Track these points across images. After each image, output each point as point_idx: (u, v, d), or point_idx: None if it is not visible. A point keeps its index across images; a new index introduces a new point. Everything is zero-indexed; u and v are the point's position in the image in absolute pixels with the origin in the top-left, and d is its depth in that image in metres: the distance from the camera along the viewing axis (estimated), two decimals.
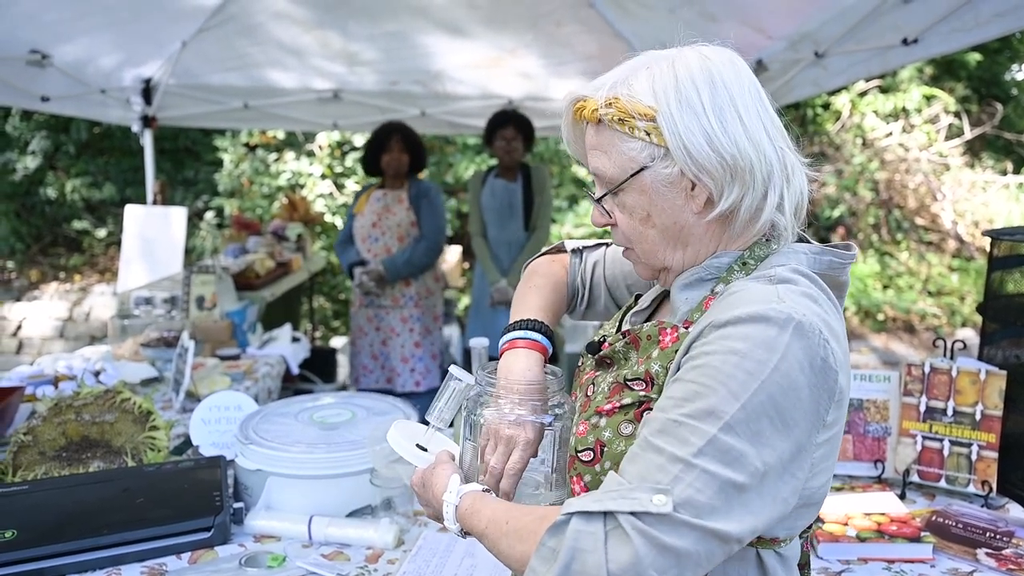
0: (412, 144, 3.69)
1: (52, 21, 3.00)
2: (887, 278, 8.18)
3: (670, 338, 0.90)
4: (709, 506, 0.73)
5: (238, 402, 1.88)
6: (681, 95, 0.84)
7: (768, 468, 0.76)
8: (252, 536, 1.49)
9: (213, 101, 4.51)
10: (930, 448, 1.72)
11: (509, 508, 0.89)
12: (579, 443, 0.92)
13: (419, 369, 3.72)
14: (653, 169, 0.87)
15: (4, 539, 1.32)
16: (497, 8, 3.47)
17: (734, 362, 0.76)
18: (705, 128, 0.83)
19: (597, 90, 0.90)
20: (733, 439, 0.74)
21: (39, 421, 1.74)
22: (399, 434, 1.10)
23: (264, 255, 4.24)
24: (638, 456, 0.78)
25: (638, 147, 0.87)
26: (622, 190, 0.90)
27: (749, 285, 0.84)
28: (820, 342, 0.78)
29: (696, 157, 0.84)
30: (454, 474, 0.97)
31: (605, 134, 0.90)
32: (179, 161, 8.13)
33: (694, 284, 0.92)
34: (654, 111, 0.85)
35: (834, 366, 0.79)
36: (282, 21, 3.64)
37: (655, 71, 0.87)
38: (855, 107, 8.50)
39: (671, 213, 0.89)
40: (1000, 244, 1.80)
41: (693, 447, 0.74)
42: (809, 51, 2.96)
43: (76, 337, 7.10)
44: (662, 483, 0.74)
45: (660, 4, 3.12)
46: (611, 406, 0.91)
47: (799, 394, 0.77)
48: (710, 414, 0.75)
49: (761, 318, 0.78)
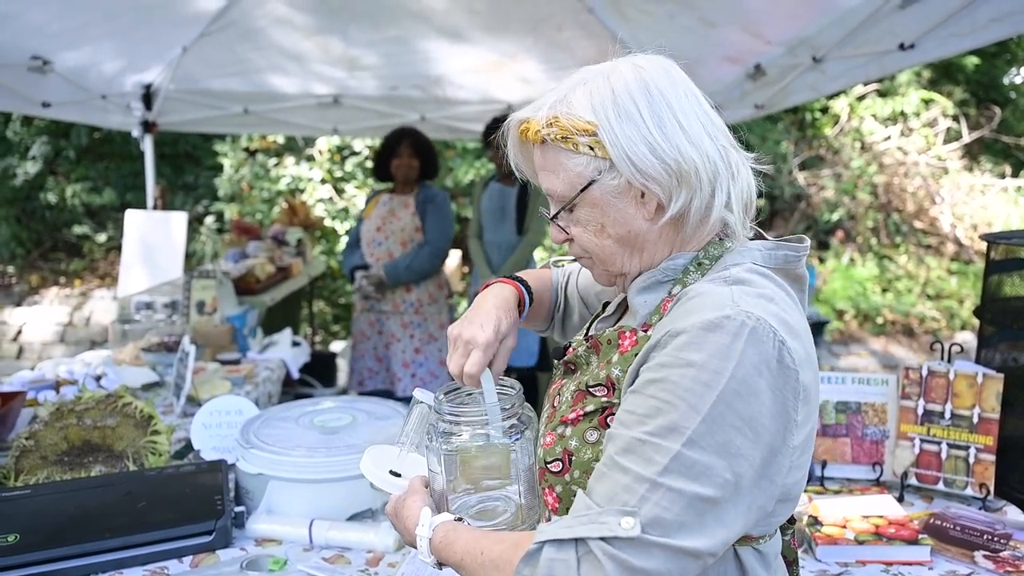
0: (423, 150, 3.68)
1: (56, 28, 3.01)
2: (886, 281, 8.19)
3: (629, 342, 0.92)
4: (677, 523, 0.74)
5: (239, 406, 1.89)
6: (619, 107, 0.86)
7: (740, 478, 0.77)
8: (253, 540, 1.50)
9: (214, 106, 4.52)
10: (928, 451, 1.72)
11: (481, 537, 0.89)
12: (547, 454, 0.93)
13: (421, 375, 3.71)
14: (601, 182, 0.89)
15: (7, 543, 1.32)
16: (497, 13, 3.48)
17: (691, 375, 0.77)
18: (646, 137, 0.85)
19: (537, 111, 0.91)
20: (697, 453, 0.75)
21: (41, 426, 1.75)
22: (372, 462, 1.09)
23: (264, 260, 4.25)
24: (604, 476, 0.79)
25: (584, 162, 0.88)
26: (574, 205, 0.92)
27: (705, 289, 0.85)
28: (775, 344, 0.79)
29: (640, 166, 0.85)
30: (425, 507, 0.96)
31: (551, 153, 0.91)
32: (179, 166, 8.15)
33: (651, 287, 0.93)
34: (594, 126, 0.86)
35: (793, 365, 0.80)
36: (283, 26, 3.65)
37: (591, 86, 0.88)
38: (853, 111, 8.53)
39: (624, 222, 0.91)
40: (997, 248, 1.81)
41: (658, 465, 0.76)
42: (807, 56, 2.97)
43: (76, 342, 7.11)
44: (629, 504, 0.75)
45: (659, 10, 3.13)
46: (575, 414, 0.92)
47: (761, 398, 0.78)
48: (672, 430, 0.76)
49: (715, 326, 0.78)
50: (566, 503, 0.91)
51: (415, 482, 1.03)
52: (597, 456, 0.87)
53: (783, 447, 0.81)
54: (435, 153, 3.78)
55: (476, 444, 0.98)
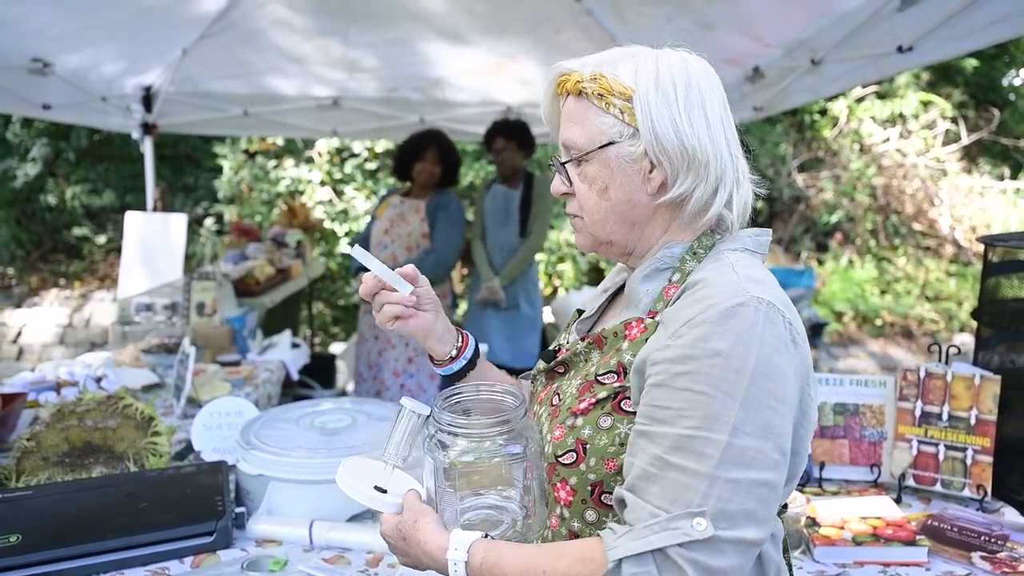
0: (448, 156, 3.63)
1: (57, 31, 3.02)
2: (885, 283, 8.20)
3: (637, 329, 0.95)
4: (742, 513, 0.77)
5: (239, 408, 1.89)
6: (659, 83, 0.92)
7: (784, 455, 0.81)
8: (254, 540, 1.50)
9: (213, 108, 4.52)
10: (926, 452, 1.73)
11: (534, 554, 0.86)
12: (558, 448, 0.93)
13: (409, 386, 3.63)
14: (620, 145, 0.94)
15: (9, 543, 1.33)
16: (496, 15, 3.49)
17: (721, 363, 0.80)
18: (673, 116, 0.91)
19: (583, 66, 0.96)
20: (744, 440, 0.78)
21: (42, 427, 1.75)
22: (350, 475, 1.01)
23: (264, 261, 4.25)
24: (657, 476, 0.80)
25: (610, 122, 0.94)
26: (587, 160, 0.96)
27: (712, 277, 0.89)
28: (785, 325, 0.84)
29: (661, 140, 0.91)
30: (456, 528, 0.92)
31: (581, 105, 0.96)
32: (179, 168, 8.16)
33: (652, 275, 0.97)
34: (632, 91, 0.92)
35: (802, 343, 0.86)
36: (283, 28, 3.66)
37: (640, 61, 0.94)
38: (852, 113, 8.54)
39: (627, 190, 0.95)
40: (994, 250, 1.82)
41: (712, 459, 0.77)
42: (805, 58, 2.98)
43: (76, 343, 7.11)
44: (694, 503, 0.76)
45: (657, 12, 3.14)
46: (586, 404, 0.93)
47: (786, 376, 0.82)
48: (716, 420, 0.78)
49: (732, 314, 0.82)
50: (581, 494, 0.92)
51: (413, 500, 0.97)
52: (612, 441, 0.90)
53: (804, 421, 0.86)
54: (459, 161, 3.73)
55: (478, 455, 0.94)
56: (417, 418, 1.01)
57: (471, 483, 0.95)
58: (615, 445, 0.89)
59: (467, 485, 0.95)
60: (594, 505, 0.92)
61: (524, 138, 3.79)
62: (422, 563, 0.94)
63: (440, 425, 0.96)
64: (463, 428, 0.94)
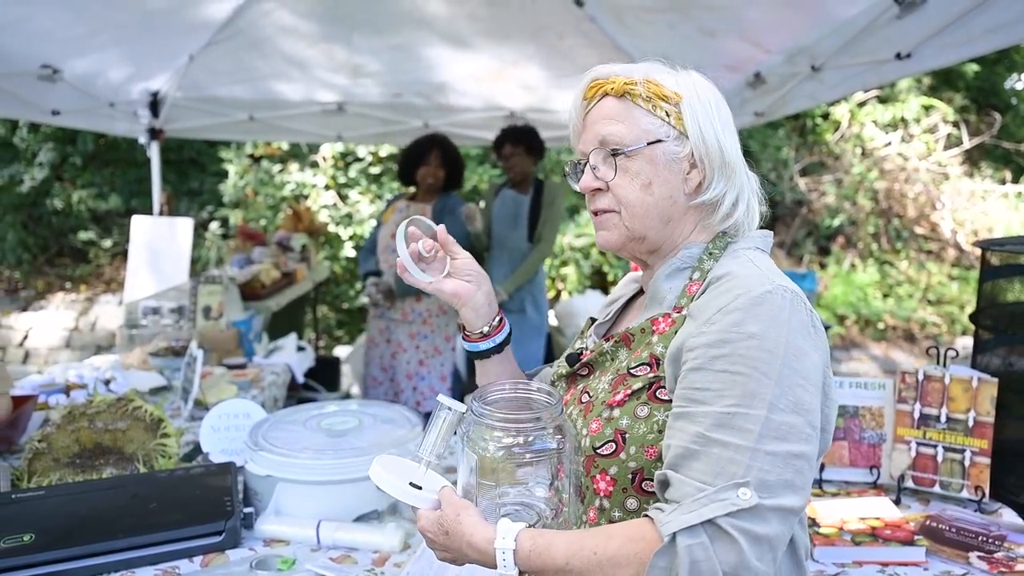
0: (451, 160, 3.67)
1: (65, 37, 3.06)
2: (887, 287, 8.21)
3: (665, 324, 1.00)
4: (781, 482, 0.82)
5: (247, 410, 1.92)
6: (700, 95, 1.02)
7: (814, 429, 0.86)
8: (262, 540, 1.53)
9: (219, 113, 4.56)
10: (924, 454, 1.75)
11: (583, 537, 0.88)
12: (596, 440, 0.97)
13: (421, 388, 3.67)
14: (666, 144, 1.02)
15: (22, 542, 1.36)
16: (499, 20, 3.52)
17: (756, 345, 0.86)
18: (714, 125, 1.01)
19: (628, 71, 1.04)
20: (780, 415, 0.84)
21: (53, 428, 1.78)
22: (384, 471, 1.01)
23: (269, 265, 4.29)
24: (701, 453, 0.84)
25: (656, 123, 1.02)
26: (632, 155, 1.02)
27: (736, 270, 0.95)
28: (807, 311, 0.92)
29: (707, 143, 1.00)
30: (502, 518, 0.93)
31: (624, 106, 1.03)
32: (184, 172, 8.20)
33: (673, 274, 1.04)
34: (680, 97, 1.01)
35: (821, 328, 0.93)
36: (288, 35, 3.69)
37: (675, 74, 1.04)
38: (854, 117, 8.56)
39: (669, 186, 1.03)
40: (991, 254, 1.84)
41: (752, 433, 0.83)
42: (806, 65, 3.00)
43: (82, 347, 7.15)
44: (738, 475, 0.81)
45: (660, 19, 3.17)
46: (621, 396, 0.98)
47: (812, 357, 0.89)
48: (754, 396, 0.84)
49: (762, 300, 0.89)
50: (622, 483, 0.95)
51: (451, 495, 0.98)
52: (651, 428, 0.94)
53: (827, 400, 0.93)
54: (462, 164, 3.77)
55: (516, 449, 0.95)
56: (454, 415, 1.02)
57: (508, 478, 0.96)
58: (654, 432, 0.94)
59: (504, 480, 0.96)
60: (635, 493, 0.95)
61: (533, 143, 3.84)
62: (466, 556, 0.94)
63: (478, 420, 0.97)
64: (501, 423, 0.96)
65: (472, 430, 0.98)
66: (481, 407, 0.98)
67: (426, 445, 1.03)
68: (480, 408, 0.98)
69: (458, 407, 1.02)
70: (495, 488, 0.96)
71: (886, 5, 2.33)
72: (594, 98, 1.05)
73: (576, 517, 1.01)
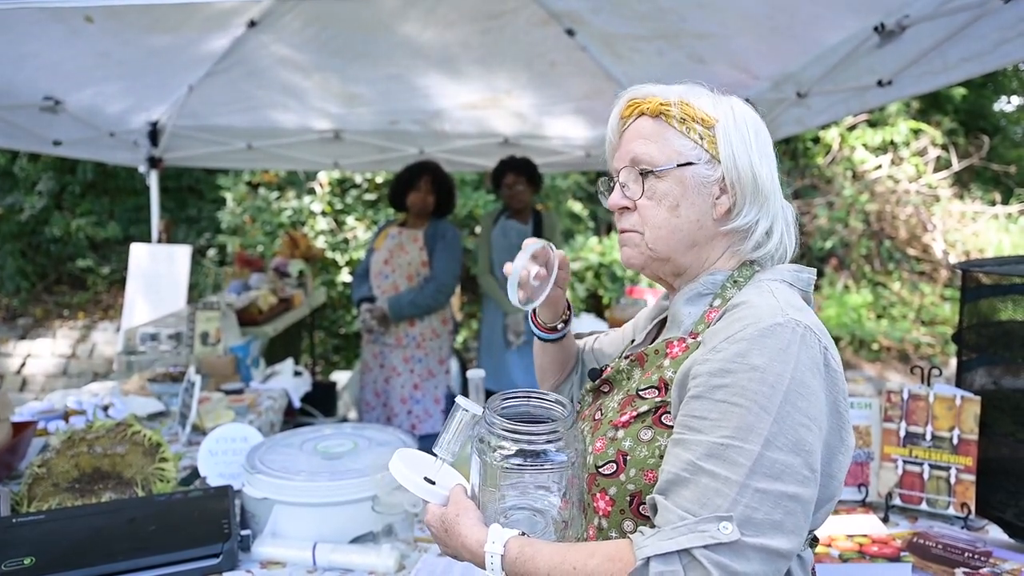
0: (441, 186, 3.73)
1: (69, 71, 3.12)
2: (880, 308, 8.26)
3: (679, 348, 1.00)
4: (768, 522, 0.80)
5: (244, 434, 1.95)
6: (736, 119, 1.01)
7: (814, 473, 0.84)
8: (259, 562, 1.55)
9: (217, 142, 4.63)
10: (911, 472, 1.78)
11: (566, 551, 0.89)
12: (599, 459, 0.98)
13: (416, 412, 3.69)
14: (697, 167, 1.01)
15: (23, 566, 1.38)
16: (492, 49, 3.60)
17: (757, 378, 0.85)
18: (748, 151, 1.00)
19: (665, 92, 1.04)
20: (776, 453, 0.82)
21: (53, 454, 1.81)
22: (403, 464, 1.04)
23: (266, 291, 4.33)
24: (689, 481, 0.84)
25: (689, 145, 1.01)
26: (662, 176, 1.02)
27: (753, 299, 0.94)
28: (820, 349, 0.89)
29: (740, 169, 0.99)
30: (494, 523, 0.95)
31: (660, 126, 1.02)
32: (182, 199, 8.27)
33: (694, 299, 1.04)
34: (715, 121, 1.00)
35: (837, 367, 0.91)
36: (285, 66, 3.77)
37: (713, 97, 1.04)
38: (844, 141, 8.68)
39: (697, 209, 1.02)
40: (970, 276, 1.88)
41: (743, 468, 0.82)
42: (792, 91, 3.08)
43: (79, 374, 7.15)
44: (722, 508, 0.81)
45: (650, 47, 3.25)
46: (627, 417, 0.98)
47: (819, 396, 0.87)
48: (749, 431, 0.83)
49: (770, 332, 0.87)
50: (620, 504, 0.95)
51: (458, 492, 1.01)
52: (652, 453, 0.93)
53: (841, 445, 0.90)
54: (453, 190, 3.83)
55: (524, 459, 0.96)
56: (470, 417, 1.04)
57: (515, 485, 0.98)
58: (655, 457, 0.93)
59: (511, 487, 0.98)
60: (632, 516, 0.95)
61: (532, 174, 3.97)
62: (460, 555, 0.98)
63: (491, 427, 0.99)
64: (512, 432, 0.97)
65: (482, 435, 1.00)
66: (492, 415, 1.00)
67: (442, 443, 1.06)
68: (491, 416, 1.00)
69: (475, 409, 1.04)
70: (498, 492, 0.98)
71: (867, 34, 2.41)
72: (630, 117, 1.05)
73: (578, 532, 1.01)
